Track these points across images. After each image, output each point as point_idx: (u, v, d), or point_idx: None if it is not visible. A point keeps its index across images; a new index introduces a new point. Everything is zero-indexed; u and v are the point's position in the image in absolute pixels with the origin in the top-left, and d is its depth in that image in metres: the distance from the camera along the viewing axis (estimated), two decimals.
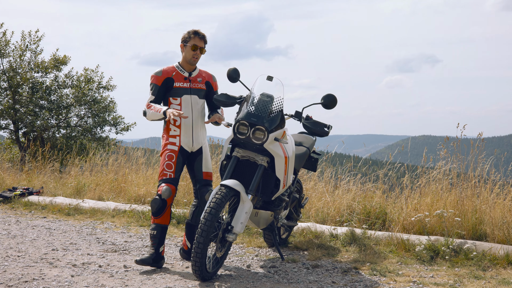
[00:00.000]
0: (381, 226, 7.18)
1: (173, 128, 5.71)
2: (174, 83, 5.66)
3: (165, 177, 5.56)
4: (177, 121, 5.66)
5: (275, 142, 5.31)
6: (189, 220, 5.82)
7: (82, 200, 9.74)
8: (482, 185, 7.11)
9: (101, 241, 6.93)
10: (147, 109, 5.59)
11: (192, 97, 5.72)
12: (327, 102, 5.62)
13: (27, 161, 14.81)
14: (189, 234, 5.81)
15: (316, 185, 8.76)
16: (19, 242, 6.74)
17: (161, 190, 5.45)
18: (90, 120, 19.26)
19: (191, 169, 5.83)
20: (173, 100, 5.68)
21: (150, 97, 5.67)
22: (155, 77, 5.67)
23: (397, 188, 7.98)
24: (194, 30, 5.70)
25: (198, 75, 5.83)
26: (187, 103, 5.69)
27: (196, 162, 5.78)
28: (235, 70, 5.77)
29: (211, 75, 5.97)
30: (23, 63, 18.79)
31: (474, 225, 6.44)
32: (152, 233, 5.55)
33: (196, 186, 5.78)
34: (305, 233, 7.05)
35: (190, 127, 5.71)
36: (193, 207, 5.81)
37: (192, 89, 5.73)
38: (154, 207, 5.48)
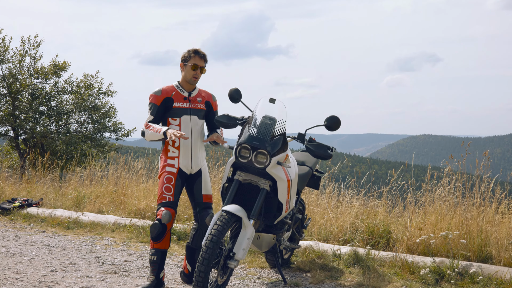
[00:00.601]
0: (385, 245, 7.07)
1: (171, 149, 5.61)
2: (174, 103, 5.56)
3: (164, 200, 5.45)
4: (176, 142, 5.57)
5: (277, 166, 5.21)
6: (189, 243, 5.73)
7: (82, 213, 9.65)
8: (488, 205, 6.99)
9: (101, 260, 6.83)
10: (146, 129, 5.48)
11: (192, 118, 5.62)
12: (331, 124, 5.53)
13: (27, 169, 14.72)
14: (189, 257, 5.72)
15: (319, 199, 8.65)
16: (17, 262, 6.65)
17: (161, 215, 5.34)
18: (90, 126, 19.18)
19: (191, 192, 5.73)
20: (172, 121, 5.58)
21: (149, 117, 5.55)
22: (154, 97, 5.56)
23: (400, 204, 7.87)
24: (194, 49, 5.60)
25: (197, 94, 5.73)
26: (187, 124, 5.59)
27: (195, 185, 5.68)
28: (237, 91, 5.68)
29: (211, 94, 5.87)
30: (22, 69, 18.72)
31: (479, 247, 6.34)
32: (152, 259, 5.44)
33: (196, 209, 5.70)
34: (307, 252, 6.95)
35: (189, 148, 5.61)
36: (193, 230, 5.72)
37: (192, 109, 5.63)
38: (153, 232, 5.36)
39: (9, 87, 18.25)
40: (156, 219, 5.39)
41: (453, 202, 7.21)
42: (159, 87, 5.61)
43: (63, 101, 19.15)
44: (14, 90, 18.19)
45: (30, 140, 18.01)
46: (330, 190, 8.85)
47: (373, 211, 7.86)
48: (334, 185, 8.97)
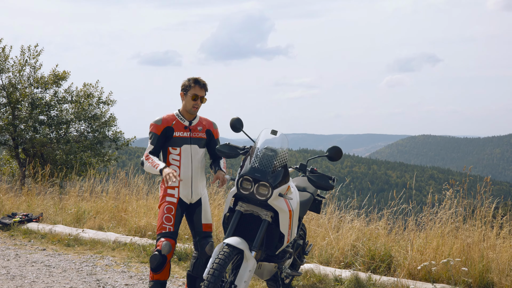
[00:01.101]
0: (386, 269, 7.06)
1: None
2: (174, 132, 5.52)
3: (164, 230, 5.42)
4: (176, 171, 5.42)
5: (279, 198, 5.20)
6: (190, 272, 5.72)
7: (82, 230, 9.63)
8: (489, 230, 6.99)
9: (101, 284, 6.81)
10: (145, 161, 5.44)
11: (192, 147, 5.58)
12: (332, 154, 5.55)
13: (27, 180, 14.71)
14: (190, 285, 5.72)
15: (320, 219, 8.63)
16: (18, 286, 6.63)
17: (161, 246, 5.32)
18: (90, 135, 19.14)
19: (191, 221, 5.71)
20: (173, 150, 5.54)
21: (149, 146, 5.52)
22: (155, 126, 5.52)
23: (401, 226, 7.86)
24: (194, 79, 5.55)
25: (198, 123, 5.70)
26: (187, 154, 5.56)
27: (195, 215, 5.67)
28: (239, 120, 5.70)
29: (211, 122, 5.84)
30: (22, 78, 18.68)
31: (481, 273, 6.34)
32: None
33: (196, 238, 5.68)
34: (308, 276, 6.94)
35: (189, 178, 5.59)
36: (194, 259, 5.71)
37: (192, 138, 5.60)
38: (154, 263, 5.34)
39: (9, 97, 18.23)
40: (156, 250, 5.36)
41: (454, 226, 7.20)
42: (160, 116, 5.57)
43: (63, 111, 19.12)
44: (14, 100, 18.16)
45: (30, 150, 17.98)
46: (331, 210, 8.83)
47: (374, 234, 7.84)
48: (334, 206, 8.95)
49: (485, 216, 7.20)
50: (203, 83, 5.58)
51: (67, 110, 19.11)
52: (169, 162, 5.54)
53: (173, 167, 5.48)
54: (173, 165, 5.51)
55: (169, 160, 5.54)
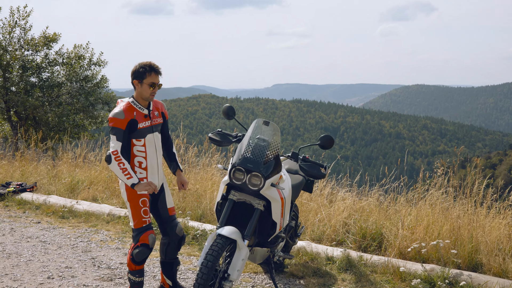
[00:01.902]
0: (377, 248, 7.17)
1: (139, 170, 5.33)
2: (138, 124, 5.21)
3: (145, 224, 5.28)
4: (142, 163, 5.31)
5: (271, 188, 5.26)
6: (163, 259, 5.68)
7: (77, 202, 9.71)
8: (479, 209, 7.08)
9: (97, 263, 6.90)
10: (115, 161, 5.08)
11: (155, 135, 5.36)
12: (324, 143, 5.61)
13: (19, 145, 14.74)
14: (166, 271, 5.71)
15: (313, 194, 8.71)
16: (14, 265, 6.72)
17: (148, 240, 5.24)
18: (82, 98, 19.09)
19: (155, 208, 5.55)
20: (137, 142, 5.26)
21: (116, 143, 5.10)
22: (118, 121, 5.11)
23: (393, 201, 7.96)
24: (149, 66, 5.20)
25: (154, 108, 5.43)
26: (151, 143, 5.34)
27: (160, 201, 5.53)
28: (231, 108, 5.76)
29: (162, 103, 5.58)
30: (12, 40, 18.53)
31: (470, 254, 6.45)
32: (139, 280, 5.40)
33: (163, 225, 5.57)
34: (301, 254, 7.04)
35: (156, 167, 5.40)
36: (164, 245, 5.62)
37: (153, 126, 5.35)
38: (141, 257, 5.27)
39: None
40: (141, 244, 5.25)
41: (445, 206, 7.29)
42: (119, 108, 5.19)
43: (54, 73, 19.03)
44: (4, 62, 18.04)
45: (22, 113, 17.96)
46: (323, 185, 8.92)
47: (366, 211, 7.94)
48: (327, 181, 9.03)
49: (476, 195, 7.29)
50: (158, 69, 5.24)
51: (59, 72, 19.03)
52: (134, 154, 5.28)
53: (139, 158, 5.28)
54: (138, 156, 5.29)
55: (133, 152, 5.28)
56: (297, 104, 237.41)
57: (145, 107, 5.29)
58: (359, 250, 7.21)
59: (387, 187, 8.25)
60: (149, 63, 5.20)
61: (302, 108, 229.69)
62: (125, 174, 5.07)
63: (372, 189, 8.43)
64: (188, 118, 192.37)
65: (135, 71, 5.19)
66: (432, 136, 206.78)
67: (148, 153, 5.31)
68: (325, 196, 8.75)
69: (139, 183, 5.12)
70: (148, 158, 5.31)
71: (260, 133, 5.34)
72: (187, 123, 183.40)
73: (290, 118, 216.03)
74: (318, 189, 8.94)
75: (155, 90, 5.23)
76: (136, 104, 5.25)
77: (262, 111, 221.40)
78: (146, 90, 5.19)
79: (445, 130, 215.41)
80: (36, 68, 18.47)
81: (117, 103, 5.37)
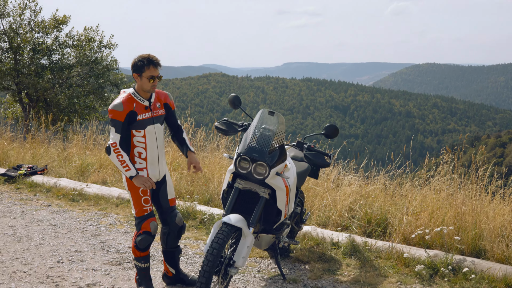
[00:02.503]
0: (382, 233, 7.26)
1: (138, 160, 5.40)
2: (138, 116, 5.25)
3: (146, 213, 5.39)
4: (142, 153, 5.38)
5: (276, 177, 5.34)
6: (164, 248, 5.78)
7: (87, 185, 9.83)
8: (484, 196, 7.14)
9: (106, 247, 7.03)
10: (114, 153, 5.19)
11: (156, 126, 5.40)
12: (329, 132, 5.70)
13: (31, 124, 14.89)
14: (169, 260, 5.81)
15: (319, 179, 8.78)
16: (24, 249, 6.85)
17: (150, 228, 5.36)
18: (92, 80, 19.18)
19: (156, 198, 5.64)
20: (136, 133, 5.31)
21: (115, 135, 5.19)
22: (116, 113, 5.16)
23: (398, 186, 8.03)
24: (147, 59, 5.21)
25: (156, 99, 5.44)
26: (151, 134, 5.38)
27: (161, 192, 5.61)
28: (237, 98, 5.86)
29: (166, 94, 5.59)
30: (23, 23, 18.62)
31: (473, 240, 6.52)
32: (144, 266, 5.53)
33: (163, 215, 5.66)
34: (306, 239, 7.14)
35: (156, 158, 5.46)
36: (164, 234, 5.71)
37: (154, 117, 5.39)
38: (144, 244, 5.38)
39: (10, 42, 18.21)
40: (143, 232, 5.37)
41: (449, 192, 7.36)
42: (119, 100, 5.23)
43: (64, 55, 19.14)
44: (15, 45, 18.15)
45: (34, 95, 18.11)
46: (330, 169, 8.99)
47: (371, 197, 8.01)
48: (334, 164, 9.11)
49: (480, 180, 7.35)
50: (157, 62, 5.26)
51: (69, 54, 19.14)
52: (134, 144, 5.35)
53: (139, 149, 5.35)
54: (138, 147, 5.36)
55: (133, 143, 5.35)
56: (308, 82, 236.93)
57: (146, 98, 5.33)
58: (364, 235, 7.30)
59: (392, 172, 8.32)
60: (147, 56, 5.22)
61: (312, 86, 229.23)
62: (124, 166, 5.18)
63: (378, 174, 8.51)
64: (198, 97, 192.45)
65: (134, 64, 5.22)
66: (442, 114, 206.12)
67: (148, 144, 5.36)
68: (332, 180, 8.83)
69: (137, 176, 5.21)
70: (148, 149, 5.37)
71: (265, 123, 5.42)
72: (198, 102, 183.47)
73: (300, 97, 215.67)
74: (324, 173, 9.03)
75: (155, 82, 5.26)
76: (136, 96, 5.28)
77: (273, 89, 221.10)
78: (146, 83, 5.23)
79: (456, 109, 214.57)
80: (46, 50, 18.58)
81: (121, 93, 5.44)
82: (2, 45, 18.44)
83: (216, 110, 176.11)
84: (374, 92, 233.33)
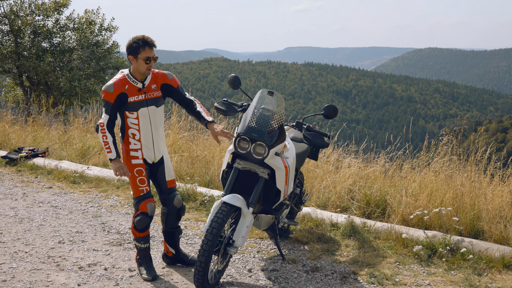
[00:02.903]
0: (381, 214, 7.30)
1: (133, 141, 5.43)
2: (128, 98, 5.25)
3: (143, 193, 5.43)
4: (136, 135, 5.39)
5: (276, 157, 5.37)
6: (164, 228, 5.82)
7: (87, 167, 9.88)
8: (482, 177, 7.17)
9: (106, 228, 7.07)
10: (100, 133, 5.26)
11: (149, 109, 5.37)
12: (328, 112, 5.73)
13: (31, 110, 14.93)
14: (169, 240, 5.85)
15: (318, 161, 8.82)
16: (26, 230, 6.90)
17: (147, 208, 5.40)
18: (93, 63, 19.19)
19: (154, 179, 5.67)
20: (130, 114, 5.32)
21: (105, 116, 5.26)
22: (107, 94, 5.19)
23: (398, 168, 8.07)
24: (142, 40, 5.19)
25: (151, 81, 5.41)
26: (145, 116, 5.36)
27: (158, 173, 5.63)
28: (236, 78, 5.90)
29: (164, 74, 5.50)
30: (23, 5, 18.59)
31: (472, 221, 6.56)
32: (145, 246, 5.58)
33: (162, 195, 5.70)
34: (306, 220, 7.18)
35: (150, 140, 5.46)
36: (164, 215, 5.75)
37: (148, 99, 5.36)
38: (142, 225, 5.43)
39: (11, 25, 18.20)
40: (140, 213, 5.42)
41: (448, 174, 7.39)
42: (111, 81, 5.26)
43: (65, 37, 19.13)
44: (16, 28, 18.15)
45: (34, 78, 18.13)
46: (329, 151, 9.03)
47: (370, 179, 8.05)
48: (333, 146, 9.14)
49: (479, 161, 7.38)
50: (152, 43, 5.24)
51: (70, 37, 19.14)
52: (127, 125, 5.37)
53: (133, 130, 5.37)
54: (132, 128, 5.37)
55: (127, 123, 5.36)
56: (309, 67, 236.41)
57: (140, 80, 5.32)
58: (363, 216, 7.34)
59: (392, 154, 8.37)
60: (142, 37, 5.19)
61: (314, 71, 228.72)
62: (106, 148, 5.25)
63: (378, 155, 8.54)
64: (200, 82, 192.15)
65: (128, 46, 5.20)
66: (444, 99, 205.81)
67: (142, 126, 5.36)
68: (331, 163, 8.87)
69: (116, 160, 5.26)
70: (142, 131, 5.38)
71: (264, 103, 5.44)
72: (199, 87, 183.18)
73: (301, 82, 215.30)
74: (324, 155, 9.06)
75: (151, 64, 5.25)
76: (130, 78, 5.29)
77: (274, 74, 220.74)
78: (142, 65, 5.22)
79: (457, 94, 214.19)
80: (47, 33, 18.58)
81: (119, 73, 5.46)
82: (2, 28, 18.47)
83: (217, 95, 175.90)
84: (375, 77, 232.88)
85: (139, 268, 5.65)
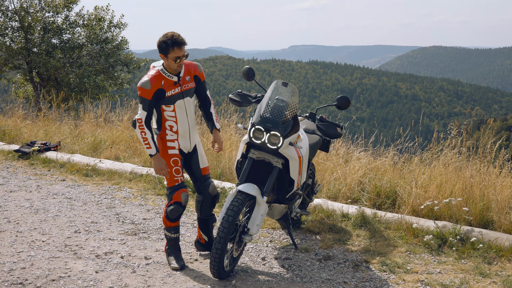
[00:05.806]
0: (391, 205, 7.40)
1: (170, 133, 5.54)
2: (166, 92, 5.36)
3: (177, 183, 5.54)
4: (173, 127, 5.51)
5: (289, 146, 5.48)
6: (199, 216, 5.93)
7: (100, 160, 9.99)
8: (491, 169, 7.26)
9: (121, 218, 7.19)
10: (138, 129, 5.35)
11: (185, 100, 5.49)
12: (341, 103, 5.83)
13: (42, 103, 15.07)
14: (202, 227, 5.96)
15: (329, 154, 8.92)
16: (42, 220, 7.02)
17: (181, 198, 5.50)
18: (102, 60, 19.32)
19: (189, 168, 5.78)
20: (166, 108, 5.43)
21: (142, 112, 5.34)
22: (144, 91, 5.27)
23: (407, 161, 8.17)
24: (172, 40, 5.21)
25: (185, 73, 5.51)
26: (181, 109, 5.49)
27: (192, 162, 5.73)
28: (251, 70, 6.00)
29: (196, 66, 5.62)
30: (33, 1, 18.74)
31: (481, 211, 6.65)
32: (175, 236, 5.70)
33: (197, 183, 5.80)
34: (317, 211, 7.29)
35: (187, 131, 5.58)
36: (198, 202, 5.85)
37: (184, 91, 5.47)
38: (175, 215, 5.52)
39: (21, 21, 18.35)
40: (174, 202, 5.51)
41: (457, 165, 7.49)
42: (147, 78, 5.33)
43: (75, 34, 19.29)
44: (26, 24, 18.29)
45: (44, 74, 18.27)
46: (339, 145, 9.13)
47: (380, 171, 8.15)
48: (343, 140, 9.24)
49: (488, 155, 7.47)
50: (181, 41, 5.28)
51: (79, 33, 19.28)
52: (165, 118, 5.47)
53: (170, 122, 5.48)
54: (169, 120, 5.48)
55: (164, 116, 5.47)
56: (314, 65, 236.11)
57: (174, 74, 5.40)
58: (373, 207, 7.45)
59: (401, 147, 8.47)
60: (171, 36, 5.24)
61: (318, 69, 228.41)
62: (145, 144, 5.36)
63: (387, 149, 8.64)
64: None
65: (159, 45, 5.28)
66: (448, 98, 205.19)
67: (179, 117, 5.49)
68: (341, 155, 8.97)
69: (157, 156, 5.39)
70: (179, 122, 5.50)
71: (278, 94, 5.55)
72: None
73: (306, 80, 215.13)
74: (334, 149, 9.17)
75: (181, 62, 5.32)
76: (165, 72, 5.38)
77: (279, 72, 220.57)
78: (172, 64, 5.30)
79: (462, 92, 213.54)
80: (57, 29, 18.72)
81: (151, 68, 5.56)
82: (13, 24, 18.61)
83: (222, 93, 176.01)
84: (380, 75, 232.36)
85: (168, 258, 5.76)
